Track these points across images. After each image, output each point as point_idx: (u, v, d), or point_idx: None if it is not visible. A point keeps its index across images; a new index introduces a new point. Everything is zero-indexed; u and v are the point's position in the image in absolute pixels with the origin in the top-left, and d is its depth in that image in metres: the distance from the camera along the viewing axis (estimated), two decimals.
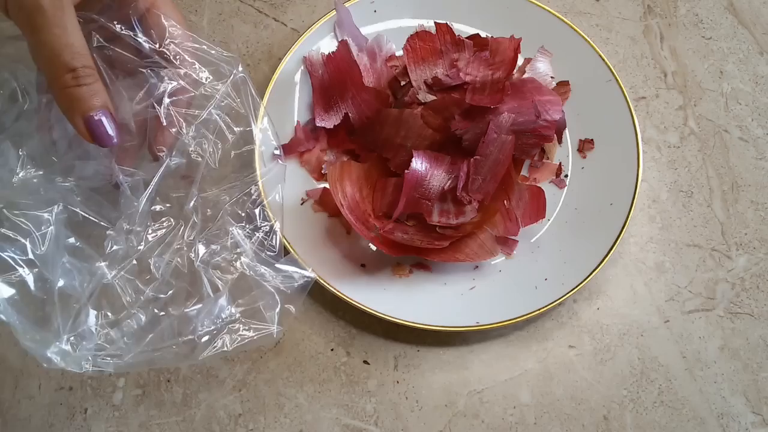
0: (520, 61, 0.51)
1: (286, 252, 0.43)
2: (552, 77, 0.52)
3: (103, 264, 0.37)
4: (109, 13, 0.37)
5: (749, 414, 0.45)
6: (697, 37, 0.57)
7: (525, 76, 0.52)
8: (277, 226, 0.41)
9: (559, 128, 0.50)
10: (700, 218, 0.50)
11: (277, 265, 0.40)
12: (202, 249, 0.38)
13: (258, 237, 0.40)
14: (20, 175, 0.36)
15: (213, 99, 0.38)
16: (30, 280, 0.35)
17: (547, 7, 0.52)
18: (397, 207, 0.45)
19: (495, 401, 0.45)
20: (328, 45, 0.51)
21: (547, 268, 0.46)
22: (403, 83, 0.50)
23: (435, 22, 0.50)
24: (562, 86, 0.51)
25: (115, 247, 0.37)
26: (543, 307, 0.44)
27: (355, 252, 0.47)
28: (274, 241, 0.41)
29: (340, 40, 0.51)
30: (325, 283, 0.44)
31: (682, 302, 0.48)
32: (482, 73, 0.47)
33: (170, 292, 0.38)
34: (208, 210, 0.40)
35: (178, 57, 0.38)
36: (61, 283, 0.35)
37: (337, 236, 0.47)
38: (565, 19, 0.52)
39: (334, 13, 0.51)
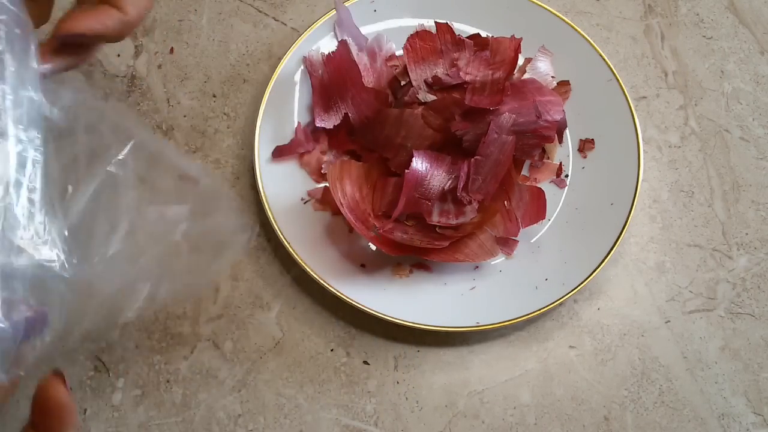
0: (520, 61, 0.51)
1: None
2: (552, 77, 0.52)
3: None
4: None
5: (750, 414, 0.45)
6: (698, 36, 0.57)
7: (526, 75, 0.52)
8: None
9: (560, 128, 0.50)
10: (701, 218, 0.50)
11: None
12: None
13: None
14: None
15: None
16: None
17: (547, 7, 0.52)
18: (396, 207, 0.44)
19: (495, 402, 0.44)
20: (328, 45, 0.51)
21: (548, 268, 0.46)
22: (403, 83, 0.50)
23: (435, 22, 0.50)
24: (563, 86, 0.51)
25: None
26: (543, 308, 0.44)
27: (355, 252, 0.47)
28: None
29: (339, 39, 0.51)
30: (325, 283, 0.44)
31: (683, 302, 0.48)
32: (482, 73, 0.47)
33: None
34: None
35: None
36: None
37: (337, 236, 0.47)
38: (566, 19, 0.52)
39: (334, 12, 0.51)
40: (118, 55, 0.53)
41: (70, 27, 0.32)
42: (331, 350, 0.46)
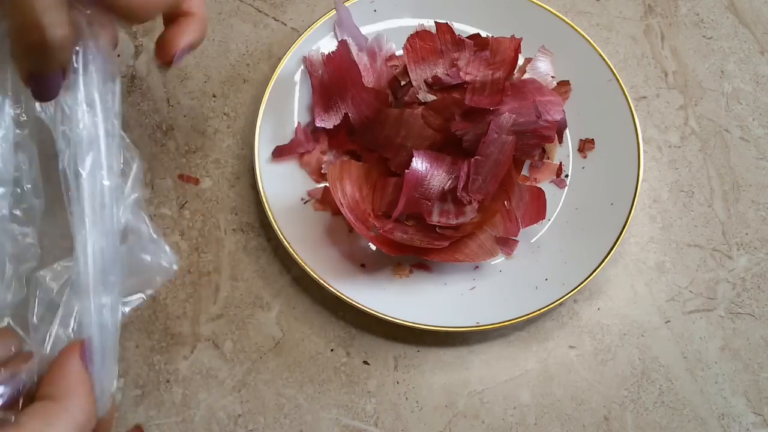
0: (520, 61, 0.51)
1: None
2: (552, 77, 0.52)
3: None
4: None
5: (750, 414, 0.45)
6: (698, 36, 0.57)
7: (526, 75, 0.52)
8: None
9: (560, 128, 0.50)
10: (701, 218, 0.50)
11: None
12: None
13: None
14: None
15: None
16: None
17: (547, 7, 0.52)
18: (396, 207, 0.44)
19: (495, 402, 0.44)
20: (328, 45, 0.51)
21: (548, 268, 0.46)
22: (403, 83, 0.50)
23: (435, 22, 0.50)
24: (563, 86, 0.51)
25: None
26: (543, 308, 0.44)
27: (355, 252, 0.47)
28: None
29: (339, 39, 0.51)
30: (325, 283, 0.44)
31: (683, 302, 0.48)
32: (482, 73, 0.47)
33: None
34: None
35: None
36: None
37: (337, 236, 0.47)
38: (566, 19, 0.52)
39: (334, 12, 0.51)
40: (118, 56, 0.53)
41: (177, 45, 0.34)
42: (331, 350, 0.46)
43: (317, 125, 0.49)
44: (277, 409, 0.44)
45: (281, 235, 0.45)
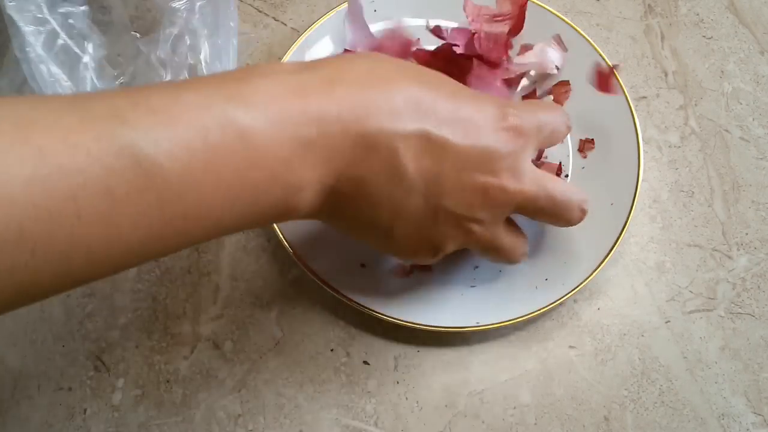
0: (517, 49, 0.51)
1: None
2: (557, 67, 0.51)
3: None
4: None
5: (750, 414, 0.45)
6: (698, 36, 0.57)
7: (532, 60, 0.51)
8: None
9: None
10: (701, 218, 0.50)
11: None
12: None
13: None
14: None
15: None
16: None
17: (547, 7, 0.52)
18: None
19: (495, 401, 0.45)
20: (327, 45, 0.51)
21: (548, 268, 0.46)
22: None
23: (432, 28, 0.50)
24: (563, 86, 0.51)
25: None
26: (543, 308, 0.44)
27: (355, 252, 0.47)
28: None
29: (347, 35, 0.50)
30: (324, 284, 0.44)
31: (683, 302, 0.48)
32: (488, 26, 0.48)
33: None
34: None
35: None
36: None
37: (337, 236, 0.47)
38: (566, 19, 0.52)
39: (334, 12, 0.51)
40: (118, 56, 0.53)
41: None
42: (331, 350, 0.46)
43: None
44: (277, 409, 0.44)
45: (281, 235, 0.45)
